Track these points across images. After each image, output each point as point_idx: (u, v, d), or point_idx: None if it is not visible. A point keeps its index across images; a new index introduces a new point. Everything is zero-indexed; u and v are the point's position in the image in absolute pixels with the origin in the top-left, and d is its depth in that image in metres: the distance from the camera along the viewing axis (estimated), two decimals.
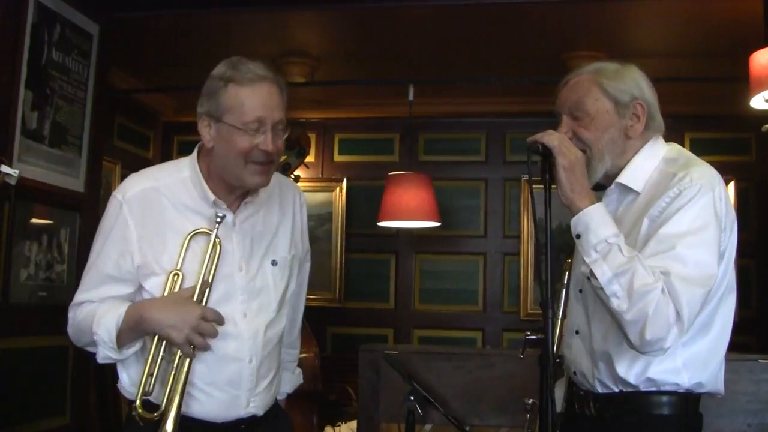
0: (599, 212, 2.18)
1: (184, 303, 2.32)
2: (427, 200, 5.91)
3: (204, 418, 2.41)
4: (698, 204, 2.19)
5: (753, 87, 3.99)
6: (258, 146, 2.34)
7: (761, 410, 3.67)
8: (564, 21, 5.28)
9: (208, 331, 2.30)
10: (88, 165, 4.59)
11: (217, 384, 2.40)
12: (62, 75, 4.34)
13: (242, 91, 2.35)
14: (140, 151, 7.19)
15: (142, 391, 2.32)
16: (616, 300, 2.08)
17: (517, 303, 6.94)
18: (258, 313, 2.49)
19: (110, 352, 2.36)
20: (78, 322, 2.44)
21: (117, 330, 2.32)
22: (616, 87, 2.40)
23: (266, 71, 2.41)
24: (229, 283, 2.45)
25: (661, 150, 2.43)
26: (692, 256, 2.13)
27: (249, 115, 2.33)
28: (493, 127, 7.13)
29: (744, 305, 6.46)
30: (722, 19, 4.99)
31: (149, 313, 2.32)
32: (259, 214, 2.57)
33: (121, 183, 2.54)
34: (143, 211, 2.44)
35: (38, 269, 4.23)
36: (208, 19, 5.39)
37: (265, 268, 2.54)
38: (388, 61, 6.20)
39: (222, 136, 2.37)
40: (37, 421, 4.25)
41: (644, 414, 2.32)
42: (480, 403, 3.83)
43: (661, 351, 2.12)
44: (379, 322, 7.12)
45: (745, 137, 6.64)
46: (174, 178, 2.51)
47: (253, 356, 2.45)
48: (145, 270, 2.41)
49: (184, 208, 2.46)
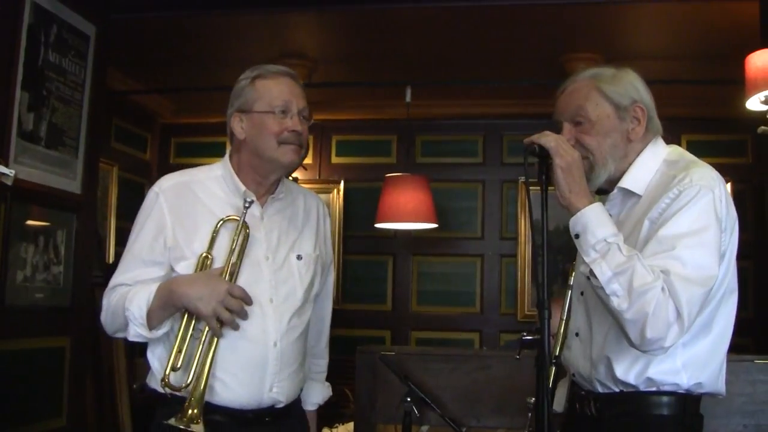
0: (597, 212, 2.18)
1: (213, 278, 2.44)
2: (425, 202, 5.91)
3: (229, 405, 2.48)
4: (698, 205, 2.19)
5: (749, 88, 3.99)
6: (287, 128, 2.56)
7: (757, 411, 3.67)
8: (562, 23, 5.29)
9: (235, 307, 2.41)
10: (84, 166, 4.59)
11: (243, 365, 2.49)
12: (59, 76, 4.34)
13: (268, 83, 2.61)
14: (137, 152, 7.19)
15: (171, 365, 2.41)
16: (616, 299, 2.08)
17: (514, 305, 6.95)
18: (284, 299, 2.60)
19: (140, 329, 2.47)
20: (112, 305, 2.54)
21: (148, 306, 2.44)
22: (615, 91, 2.40)
23: (286, 69, 2.69)
24: (257, 269, 2.57)
25: (662, 152, 2.43)
26: (692, 256, 2.12)
27: (277, 99, 2.58)
28: (491, 129, 7.15)
29: (741, 307, 6.43)
30: (719, 22, 5.00)
31: (179, 287, 2.43)
32: (285, 212, 2.73)
33: (157, 180, 2.70)
34: (177, 200, 2.61)
35: (35, 271, 4.22)
36: (205, 21, 5.39)
37: (291, 260, 2.66)
38: (386, 63, 6.20)
39: (254, 125, 2.59)
40: (34, 423, 4.24)
41: (644, 414, 2.32)
42: (477, 404, 3.83)
43: (662, 350, 2.12)
44: (377, 323, 7.13)
45: (742, 139, 6.65)
46: (207, 175, 2.69)
47: (278, 340, 2.54)
48: (177, 253, 2.54)
49: (216, 199, 2.62)
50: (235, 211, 2.55)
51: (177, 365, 2.41)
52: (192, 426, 2.30)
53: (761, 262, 6.35)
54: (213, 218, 2.55)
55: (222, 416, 2.46)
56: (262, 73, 2.62)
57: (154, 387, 2.55)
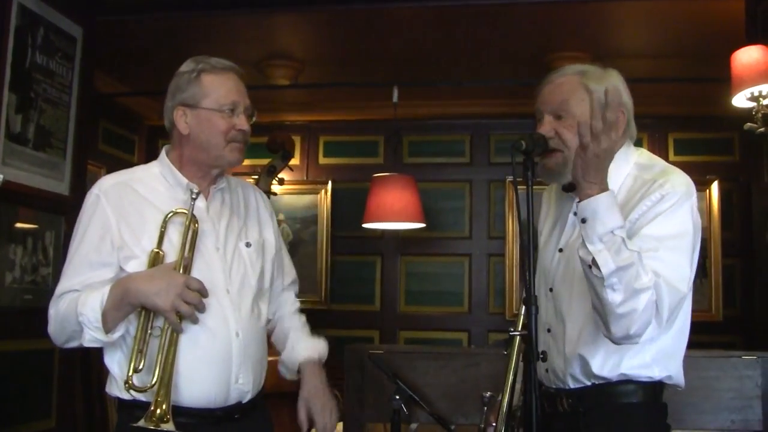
0: (608, 200, 2.12)
1: (168, 272, 2.40)
2: (412, 201, 5.92)
3: (196, 405, 2.45)
4: (679, 211, 2.25)
5: (735, 85, 4.02)
6: (235, 126, 2.56)
7: (744, 407, 3.70)
8: (548, 22, 5.31)
9: (193, 300, 2.37)
10: (72, 168, 4.59)
11: (207, 359, 2.46)
12: (46, 78, 4.34)
13: (216, 79, 2.59)
14: (125, 155, 7.18)
15: (132, 367, 2.37)
16: (612, 293, 2.08)
17: (502, 304, 6.96)
18: (240, 289, 2.59)
19: (96, 333, 2.40)
20: (61, 313, 2.48)
21: (102, 308, 2.37)
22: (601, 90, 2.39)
23: (231, 63, 2.67)
24: (209, 260, 2.55)
25: (632, 156, 2.46)
26: (673, 259, 2.19)
27: (225, 97, 2.56)
28: (478, 129, 7.16)
29: (728, 304, 6.51)
30: (705, 20, 5.02)
31: (134, 284, 2.38)
32: (227, 203, 2.72)
33: (96, 182, 2.66)
34: (120, 199, 2.56)
35: (23, 273, 4.22)
36: (192, 23, 5.39)
37: (241, 249, 2.66)
38: (373, 64, 6.21)
39: (201, 121, 2.56)
40: (23, 424, 4.24)
41: (616, 403, 2.37)
42: (465, 401, 3.84)
43: (634, 343, 2.20)
44: (365, 324, 7.13)
45: (729, 137, 6.67)
46: (145, 173, 2.68)
47: (240, 330, 2.53)
48: (126, 252, 2.49)
49: (158, 195, 2.59)
50: (180, 205, 2.53)
51: (139, 366, 2.38)
52: (162, 425, 2.27)
53: (747, 260, 6.38)
54: (158, 214, 2.51)
55: (190, 417, 2.43)
56: (208, 68, 2.61)
57: (115, 394, 2.51)
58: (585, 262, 2.15)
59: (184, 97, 2.58)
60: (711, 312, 6.44)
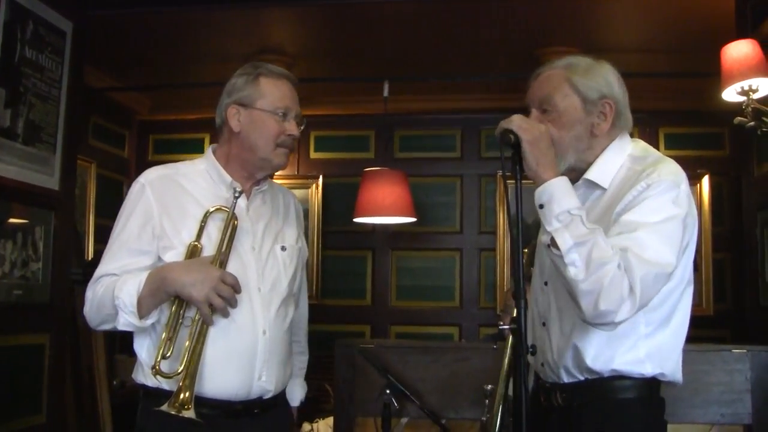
0: (563, 184, 2.19)
1: (205, 265, 2.46)
2: (403, 196, 5.92)
3: (218, 396, 2.50)
4: (663, 197, 2.23)
5: (725, 79, 4.01)
6: (285, 131, 2.64)
7: (734, 400, 3.71)
8: (538, 17, 5.32)
9: (227, 294, 2.43)
10: (62, 163, 4.58)
11: (233, 353, 2.51)
12: (36, 73, 4.33)
13: (272, 83, 2.67)
14: (115, 150, 7.16)
15: (161, 353, 2.43)
16: (574, 269, 2.10)
17: (493, 298, 6.97)
18: (271, 288, 2.65)
19: (131, 317, 2.46)
20: (98, 295, 2.53)
21: (138, 293, 2.44)
22: (585, 84, 2.41)
23: (287, 72, 2.75)
24: (244, 259, 2.61)
25: (627, 147, 2.46)
26: (651, 242, 2.15)
27: (281, 101, 2.65)
28: (468, 124, 7.16)
29: (719, 299, 6.53)
30: (695, 14, 5.03)
31: (172, 273, 2.44)
32: (268, 204, 2.79)
33: (142, 173, 2.71)
34: (164, 190, 2.63)
35: (13, 267, 4.21)
36: (183, 17, 5.38)
37: (276, 251, 2.72)
38: (364, 59, 6.22)
39: (253, 121, 2.64)
40: (13, 420, 4.23)
41: (610, 399, 2.36)
42: (456, 396, 3.85)
43: (612, 325, 2.14)
44: (356, 318, 7.13)
45: (719, 132, 6.69)
46: (190, 169, 2.72)
47: (267, 329, 2.58)
48: (165, 242, 2.55)
49: (201, 191, 2.65)
50: (221, 202, 2.59)
51: (167, 353, 2.43)
52: (183, 412, 2.32)
53: (738, 255, 6.39)
54: (199, 209, 2.57)
55: (211, 408, 2.47)
56: (266, 72, 2.67)
57: (141, 380, 2.57)
58: (544, 244, 2.18)
59: (241, 96, 2.65)
60: (702, 306, 6.45)
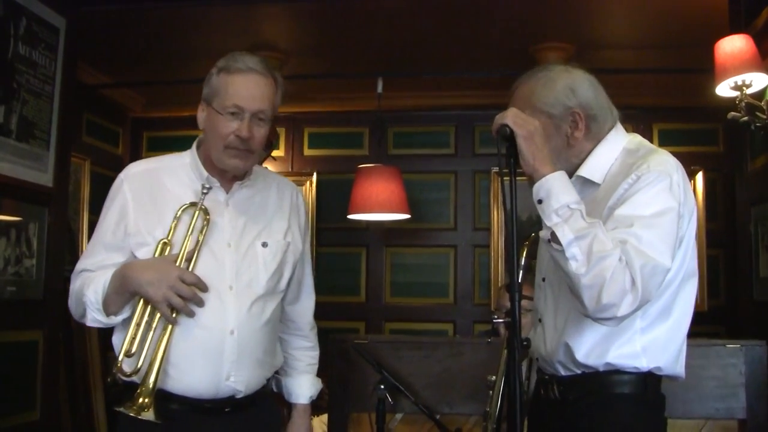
0: (561, 179, 2.18)
1: (165, 263, 2.44)
2: (397, 192, 5.92)
3: (185, 393, 2.47)
4: (655, 189, 2.22)
5: (718, 74, 4.02)
6: (234, 132, 2.50)
7: (728, 395, 3.73)
8: (532, 13, 5.30)
9: (187, 294, 2.39)
10: (56, 160, 4.57)
11: (198, 353, 2.47)
12: (29, 69, 4.32)
13: (228, 79, 2.52)
14: (109, 146, 7.14)
15: (124, 351, 2.40)
16: (575, 263, 2.08)
17: (488, 295, 6.96)
18: (246, 287, 2.58)
19: (97, 314, 2.47)
20: (76, 290, 2.55)
21: (104, 291, 2.44)
22: (545, 102, 2.41)
23: (258, 65, 2.56)
24: (218, 256, 2.55)
25: (621, 141, 2.46)
26: (647, 235, 2.14)
27: (228, 101, 2.50)
28: (462, 120, 7.15)
29: (712, 295, 6.54)
30: (689, 10, 5.02)
31: (131, 271, 2.43)
32: (254, 198, 2.72)
33: (126, 166, 2.72)
34: (142, 186, 2.61)
35: (7, 264, 4.21)
36: (176, 13, 5.36)
37: (256, 248, 2.64)
38: (357, 55, 6.20)
39: (209, 119, 2.56)
40: (7, 416, 4.22)
41: (606, 393, 2.35)
42: (450, 391, 3.86)
43: (615, 320, 2.12)
44: (351, 315, 7.12)
45: (713, 128, 6.69)
46: (175, 163, 2.69)
47: (236, 328, 2.52)
48: (138, 239, 2.53)
49: (183, 186, 2.61)
50: (199, 198, 2.55)
51: (131, 351, 2.40)
52: (142, 414, 2.29)
53: (731, 251, 6.40)
54: (178, 204, 2.54)
55: (179, 404, 2.46)
56: (227, 67, 2.54)
57: (119, 375, 2.53)
58: (544, 239, 2.17)
59: (205, 92, 2.59)
60: (696, 302, 6.42)
